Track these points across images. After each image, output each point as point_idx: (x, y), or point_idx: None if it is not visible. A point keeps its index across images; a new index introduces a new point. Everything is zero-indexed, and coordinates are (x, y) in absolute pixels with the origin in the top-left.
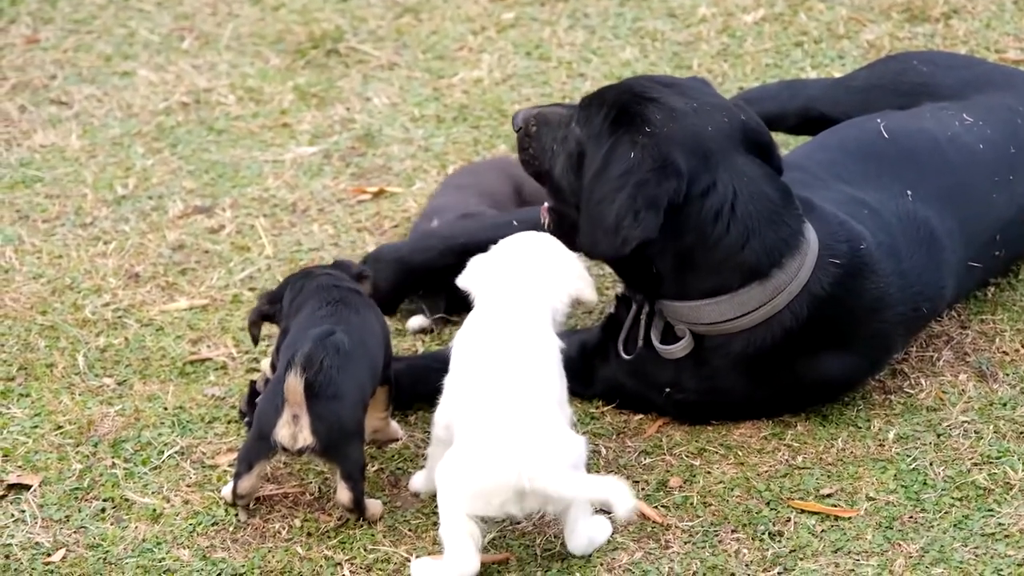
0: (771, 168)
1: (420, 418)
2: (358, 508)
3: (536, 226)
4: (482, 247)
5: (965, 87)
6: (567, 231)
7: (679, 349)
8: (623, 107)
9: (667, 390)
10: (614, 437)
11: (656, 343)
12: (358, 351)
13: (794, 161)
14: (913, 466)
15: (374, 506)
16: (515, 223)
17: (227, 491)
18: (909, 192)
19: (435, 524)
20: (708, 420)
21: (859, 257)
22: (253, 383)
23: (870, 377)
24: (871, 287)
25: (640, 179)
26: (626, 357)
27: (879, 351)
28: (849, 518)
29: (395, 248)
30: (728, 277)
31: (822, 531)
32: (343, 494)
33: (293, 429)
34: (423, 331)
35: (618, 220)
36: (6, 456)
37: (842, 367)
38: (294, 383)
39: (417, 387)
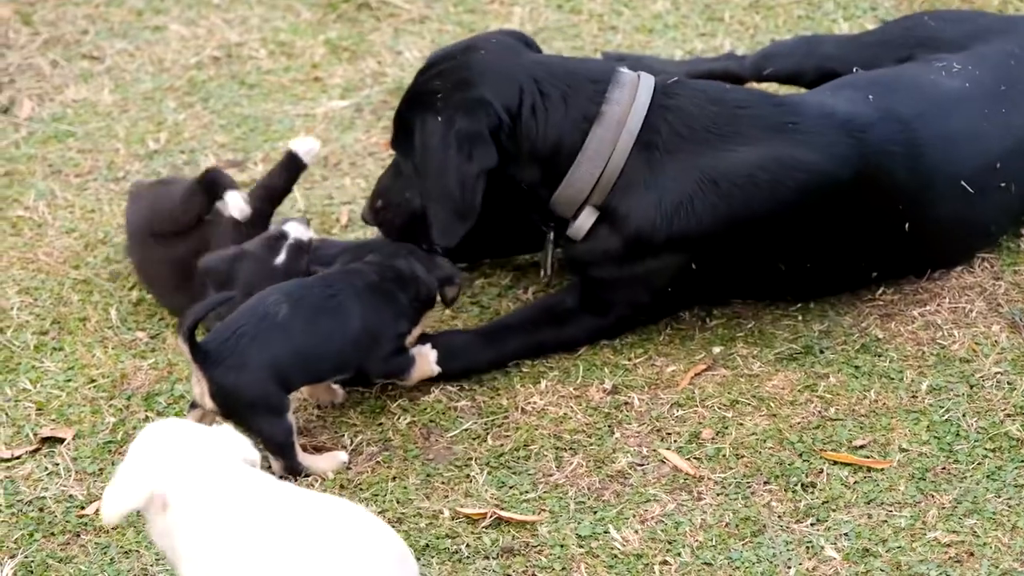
0: None
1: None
2: (292, 473)
3: None
4: None
5: (968, 38)
6: (417, 232)
7: (584, 219)
8: (406, 104)
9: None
10: (646, 389)
11: (568, 232)
12: (297, 330)
13: None
14: (946, 417)
15: (326, 461)
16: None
17: None
18: (871, 96)
19: (468, 477)
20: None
21: (719, 85)
22: None
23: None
24: (737, 91)
25: (456, 132)
26: (544, 277)
27: (810, 145)
28: (882, 469)
29: None
30: (570, 141)
31: (855, 482)
32: (273, 464)
33: (200, 389)
34: None
35: (459, 176)
36: (40, 410)
37: (767, 152)
38: (181, 347)
39: (487, 351)
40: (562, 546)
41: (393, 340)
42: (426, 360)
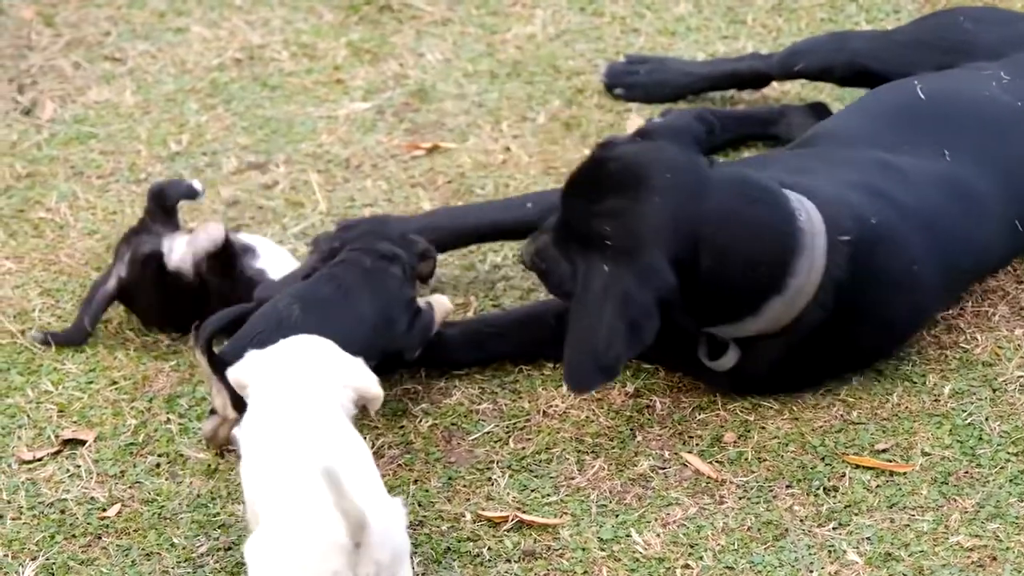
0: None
1: (469, 374)
2: None
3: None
4: None
5: (1006, 44)
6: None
7: (728, 361)
8: (573, 228)
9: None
10: (668, 392)
11: (704, 359)
12: (313, 328)
13: (829, 129)
14: (968, 421)
15: None
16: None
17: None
18: (946, 152)
19: (489, 480)
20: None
21: (871, 229)
22: None
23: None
24: (895, 254)
25: (622, 295)
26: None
27: (919, 310)
28: (904, 473)
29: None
30: (747, 304)
31: (877, 486)
32: None
33: (221, 400)
34: None
35: (610, 339)
36: (61, 411)
37: (887, 333)
38: (199, 359)
39: (470, 352)
40: (584, 549)
41: (406, 310)
42: (440, 303)
